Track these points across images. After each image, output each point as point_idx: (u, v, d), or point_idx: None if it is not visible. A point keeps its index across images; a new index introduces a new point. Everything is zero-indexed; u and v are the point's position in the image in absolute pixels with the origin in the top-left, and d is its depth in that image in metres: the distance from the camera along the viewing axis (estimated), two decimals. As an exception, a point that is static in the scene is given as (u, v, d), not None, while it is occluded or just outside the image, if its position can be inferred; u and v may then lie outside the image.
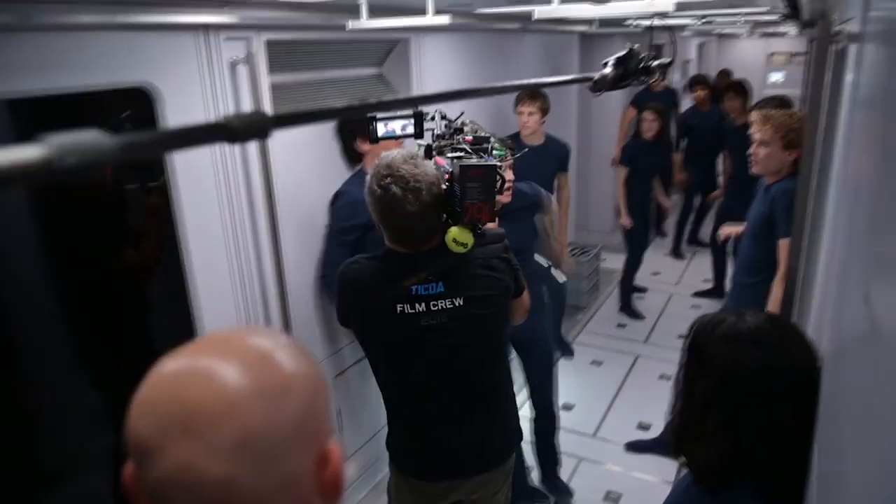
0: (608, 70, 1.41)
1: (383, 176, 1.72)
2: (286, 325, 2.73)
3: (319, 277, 2.99)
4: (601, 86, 1.40)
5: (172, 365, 0.69)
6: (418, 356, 1.91)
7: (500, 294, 1.91)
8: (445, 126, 2.09)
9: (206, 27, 2.29)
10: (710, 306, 5.63)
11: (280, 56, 2.74)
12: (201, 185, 2.37)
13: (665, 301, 5.88)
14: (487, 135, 2.06)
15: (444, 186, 1.77)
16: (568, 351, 4.93)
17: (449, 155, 1.91)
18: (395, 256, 1.84)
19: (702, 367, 1.39)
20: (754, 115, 2.87)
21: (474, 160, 1.79)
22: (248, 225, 2.58)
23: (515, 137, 4.09)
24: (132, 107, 2.25)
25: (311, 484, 0.71)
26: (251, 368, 0.68)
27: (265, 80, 2.55)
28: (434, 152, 1.98)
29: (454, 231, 1.71)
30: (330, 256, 2.88)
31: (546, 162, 4.11)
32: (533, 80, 1.24)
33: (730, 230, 3.42)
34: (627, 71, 1.43)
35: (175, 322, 2.57)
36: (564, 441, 3.89)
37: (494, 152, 1.99)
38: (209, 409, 0.65)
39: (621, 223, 5.39)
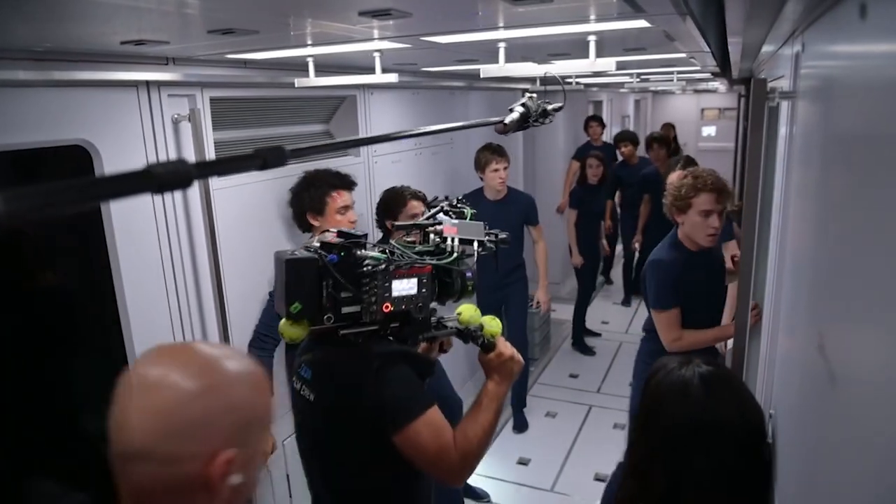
0: (514, 114, 1.58)
1: None
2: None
3: (248, 345, 2.76)
4: (510, 127, 1.56)
5: (156, 352, 0.93)
6: (298, 434, 1.80)
7: (345, 410, 1.60)
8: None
9: (147, 84, 2.25)
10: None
11: (225, 113, 2.71)
12: (143, 249, 2.29)
13: (615, 349, 5.93)
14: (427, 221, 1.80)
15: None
16: (523, 425, 4.68)
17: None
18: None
19: (644, 417, 1.41)
20: (710, 188, 2.66)
21: (302, 253, 1.52)
22: (193, 288, 2.50)
23: (478, 194, 4.24)
24: (70, 164, 2.18)
25: (195, 474, 0.86)
26: (192, 370, 0.88)
27: (209, 137, 2.51)
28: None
29: (282, 321, 1.55)
30: (263, 328, 2.72)
31: (510, 214, 4.23)
32: (450, 125, 1.31)
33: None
34: (529, 113, 1.60)
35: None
36: (521, 497, 3.82)
37: (371, 252, 1.60)
38: (152, 381, 0.87)
39: (573, 262, 5.75)
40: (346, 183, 2.86)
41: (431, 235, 1.72)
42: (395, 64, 2.97)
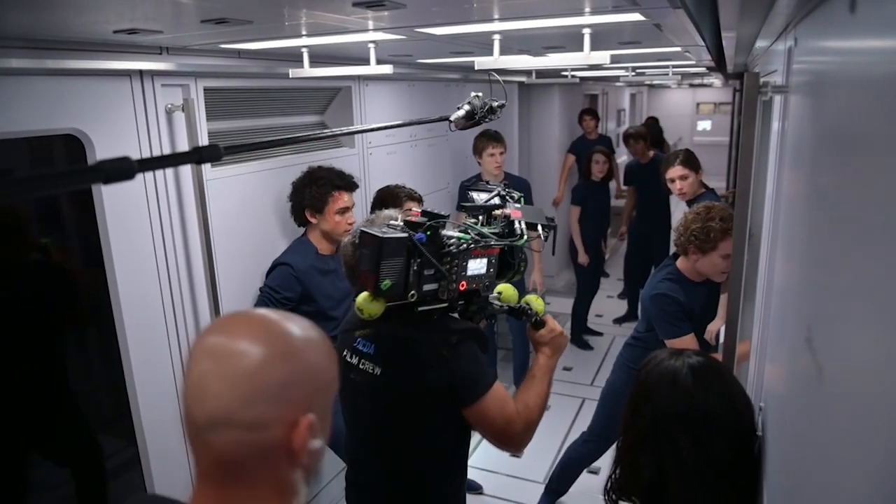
0: (461, 112, 1.68)
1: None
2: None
3: None
4: (457, 125, 1.67)
5: (227, 320, 0.95)
6: (351, 411, 1.84)
7: (421, 384, 1.68)
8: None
9: (140, 73, 2.24)
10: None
11: (219, 103, 2.70)
12: (135, 239, 2.29)
13: (609, 343, 5.95)
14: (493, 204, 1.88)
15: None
16: None
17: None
18: None
19: (634, 405, 1.42)
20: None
21: (377, 231, 1.56)
22: (186, 278, 2.50)
23: (476, 180, 4.33)
24: (63, 153, 2.17)
25: (278, 438, 0.86)
26: (268, 336, 0.88)
27: (203, 127, 2.50)
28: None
29: (360, 296, 1.60)
30: None
31: None
32: (399, 122, 1.38)
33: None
34: (475, 111, 1.70)
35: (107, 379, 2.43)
36: (514, 490, 3.84)
37: (455, 232, 1.68)
38: (229, 348, 0.86)
39: (580, 261, 5.63)
40: (349, 184, 2.86)
41: (494, 218, 1.83)
42: (390, 55, 2.96)
